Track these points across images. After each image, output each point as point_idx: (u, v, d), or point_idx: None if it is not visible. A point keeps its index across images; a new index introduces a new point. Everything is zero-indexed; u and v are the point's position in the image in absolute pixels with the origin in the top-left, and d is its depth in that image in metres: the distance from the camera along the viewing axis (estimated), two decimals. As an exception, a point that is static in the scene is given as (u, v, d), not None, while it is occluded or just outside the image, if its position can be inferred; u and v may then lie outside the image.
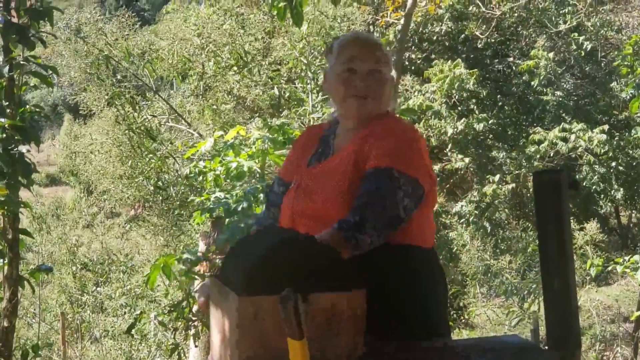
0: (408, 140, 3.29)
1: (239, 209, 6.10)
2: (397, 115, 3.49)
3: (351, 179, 3.22)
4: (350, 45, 3.39)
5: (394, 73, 3.40)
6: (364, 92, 3.31)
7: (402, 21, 7.96)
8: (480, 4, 17.36)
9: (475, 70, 18.51)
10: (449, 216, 17.78)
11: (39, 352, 6.98)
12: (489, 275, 16.57)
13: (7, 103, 6.04)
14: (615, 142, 17.78)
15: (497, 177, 17.81)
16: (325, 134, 3.54)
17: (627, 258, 10.61)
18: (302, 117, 16.25)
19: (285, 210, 3.47)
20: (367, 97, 3.32)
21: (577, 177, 17.23)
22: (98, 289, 15.86)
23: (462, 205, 17.76)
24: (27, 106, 6.26)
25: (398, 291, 3.30)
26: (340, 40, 3.46)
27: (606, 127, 17.71)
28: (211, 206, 6.36)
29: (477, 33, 19.23)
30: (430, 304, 3.39)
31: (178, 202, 18.37)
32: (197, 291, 3.61)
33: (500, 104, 19.96)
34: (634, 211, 21.35)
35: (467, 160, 18.09)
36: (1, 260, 6.12)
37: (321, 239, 3.04)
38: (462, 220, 17.55)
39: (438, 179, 17.33)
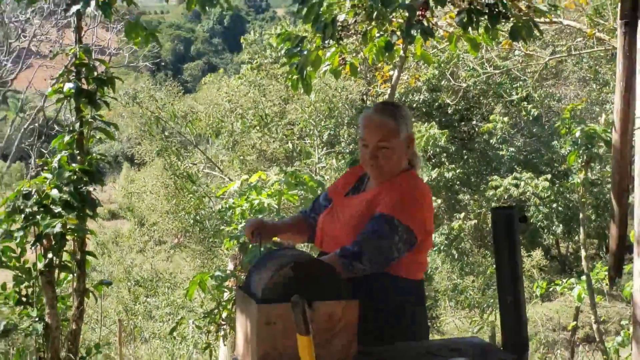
0: (413, 197, 3.29)
1: (260, 237, 6.11)
2: (413, 173, 3.44)
3: (361, 218, 3.26)
4: (365, 123, 3.39)
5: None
6: (372, 163, 3.33)
7: (388, 91, 7.95)
8: (450, 78, 17.39)
9: (446, 130, 18.57)
10: (426, 245, 17.76)
11: (100, 350, 6.93)
12: (456, 291, 16.53)
13: (78, 152, 6.04)
14: (555, 188, 17.78)
15: (462, 215, 17.83)
16: (364, 174, 3.54)
17: (564, 280, 10.62)
18: (310, 166, 16.29)
19: (319, 223, 3.55)
20: (378, 168, 3.34)
21: (526, 214, 17.20)
22: (148, 300, 15.82)
23: (435, 237, 17.72)
24: (94, 154, 6.26)
25: (386, 312, 3.34)
26: (362, 117, 3.47)
27: (549, 176, 17.76)
28: (238, 234, 6.35)
29: (448, 101, 19.26)
30: (410, 325, 3.42)
31: (212, 232, 18.35)
32: (246, 228, 3.65)
33: (465, 157, 19.98)
34: (570, 243, 21.30)
35: (439, 201, 18.07)
36: (71, 275, 6.10)
37: (326, 260, 3.10)
38: (434, 249, 17.52)
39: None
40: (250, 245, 6.01)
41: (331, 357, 2.94)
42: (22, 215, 5.70)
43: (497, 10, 5.99)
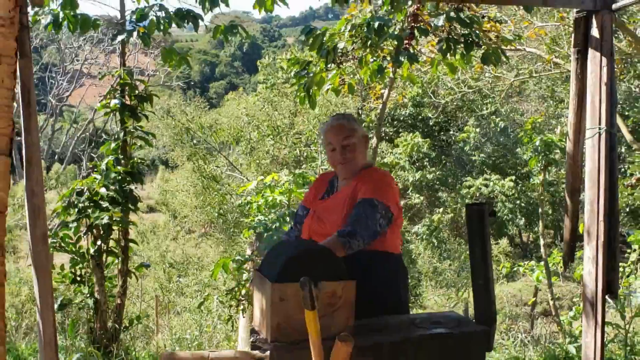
0: (385, 182, 3.39)
1: (273, 227, 6.11)
2: (375, 167, 3.58)
3: (348, 210, 3.32)
4: (327, 129, 3.49)
5: (372, 138, 3.44)
6: (342, 160, 3.41)
7: (380, 107, 7.94)
8: (431, 96, 17.38)
9: (428, 139, 18.58)
10: (410, 234, 17.72)
11: (140, 321, 6.94)
12: (436, 273, 16.52)
13: (122, 156, 6.05)
14: (519, 188, 17.78)
15: (441, 210, 17.85)
16: (332, 178, 3.60)
17: (526, 264, 10.59)
18: (314, 169, 16.26)
19: (305, 229, 3.56)
20: (345, 162, 3.41)
21: (495, 209, 17.19)
22: (179, 279, 15.82)
23: (418, 227, 17.74)
24: (135, 159, 6.27)
25: (379, 282, 3.37)
26: (323, 129, 3.55)
27: (513, 177, 17.77)
28: (255, 225, 6.35)
29: (429, 115, 19.28)
30: (399, 292, 3.47)
31: (233, 223, 18.36)
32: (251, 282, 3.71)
33: (443, 161, 19.95)
34: (530, 233, 21.25)
35: (421, 198, 18.08)
36: (116, 259, 6.11)
37: (326, 243, 3.12)
38: (418, 237, 17.51)
39: (403, 210, 17.37)
40: (265, 235, 6.02)
41: (333, 328, 2.93)
42: (76, 209, 5.72)
43: (470, 39, 6.00)
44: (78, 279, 5.93)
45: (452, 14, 5.88)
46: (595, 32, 4.88)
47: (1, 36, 2.68)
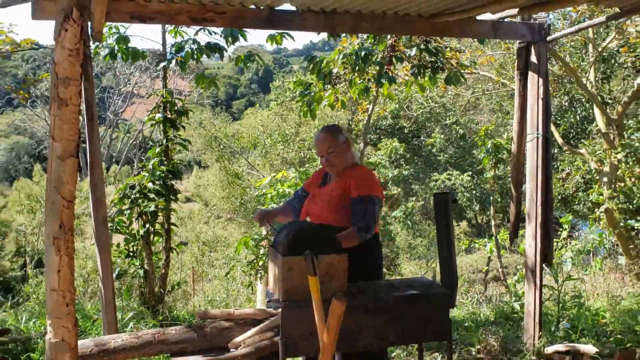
0: (371, 177, 3.42)
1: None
2: (359, 165, 3.56)
3: (338, 199, 3.36)
4: (316, 142, 3.55)
5: (359, 146, 3.45)
6: (329, 165, 3.46)
7: (366, 118, 7.93)
8: (406, 109, 17.36)
9: (403, 144, 18.53)
10: (390, 218, 17.73)
11: (180, 286, 6.95)
12: (410, 248, 16.50)
13: (165, 158, 6.05)
14: (474, 181, 17.75)
15: (414, 198, 17.78)
16: (326, 172, 3.62)
17: (480, 240, 10.61)
18: (315, 167, 16.24)
19: (304, 208, 3.60)
20: (331, 166, 3.45)
21: (456, 197, 17.19)
22: (210, 254, 15.82)
23: (396, 213, 17.70)
24: (175, 160, 6.26)
25: (371, 255, 3.41)
26: (314, 139, 3.62)
27: (470, 173, 17.70)
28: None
29: (405, 125, 19.24)
30: (380, 262, 3.51)
31: (252, 210, 18.33)
32: (256, 217, 3.79)
33: (416, 161, 19.93)
34: (484, 216, 21.25)
35: (399, 189, 18.03)
36: (161, 238, 6.10)
37: (347, 233, 3.22)
38: (396, 220, 17.49)
39: (384, 199, 17.39)
40: (262, 228, 6.04)
41: (330, 291, 2.94)
42: (129, 200, 5.72)
43: (436, 65, 6.00)
44: (131, 254, 5.93)
45: (422, 45, 5.89)
46: (533, 58, 4.87)
47: (69, 64, 2.68)
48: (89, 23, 3.52)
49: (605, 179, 9.63)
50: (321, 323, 2.75)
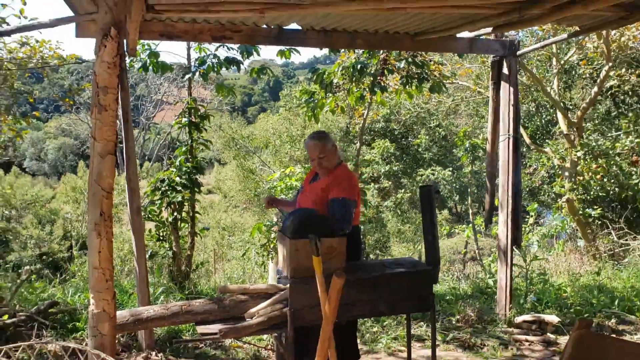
0: (348, 181, 3.32)
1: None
2: (344, 165, 3.48)
3: (320, 195, 3.29)
4: (307, 148, 3.46)
5: (336, 148, 3.40)
6: (320, 168, 3.37)
7: (362, 122, 7.91)
8: (396, 114, 17.31)
9: (394, 143, 18.47)
10: (382, 207, 17.70)
11: (203, 265, 6.95)
12: (400, 233, 16.47)
13: (190, 156, 6.03)
14: (455, 175, 17.68)
15: (403, 191, 17.73)
16: (317, 171, 3.53)
17: (459, 226, 10.58)
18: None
19: (298, 200, 3.54)
20: (321, 169, 3.37)
21: (439, 189, 17.14)
22: (229, 238, 15.82)
23: (387, 203, 17.66)
24: (199, 158, 6.24)
25: (354, 242, 3.33)
26: (305, 144, 3.51)
27: (451, 168, 17.63)
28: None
29: (395, 127, 19.17)
30: (359, 247, 3.45)
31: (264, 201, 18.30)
32: (264, 200, 3.73)
33: (404, 158, 19.87)
34: (462, 205, 21.19)
35: (389, 183, 18.01)
36: (187, 224, 6.09)
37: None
38: (387, 209, 17.45)
39: (376, 191, 17.33)
40: (270, 211, 6.02)
41: (331, 269, 2.93)
42: (160, 192, 5.71)
43: (422, 76, 5.97)
44: (161, 238, 5.92)
45: (409, 59, 5.86)
46: (505, 70, 4.85)
47: (108, 75, 2.68)
48: (125, 40, 3.52)
49: (566, 174, 9.61)
50: (323, 295, 2.76)
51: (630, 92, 11.10)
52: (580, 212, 9.06)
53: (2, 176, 23.52)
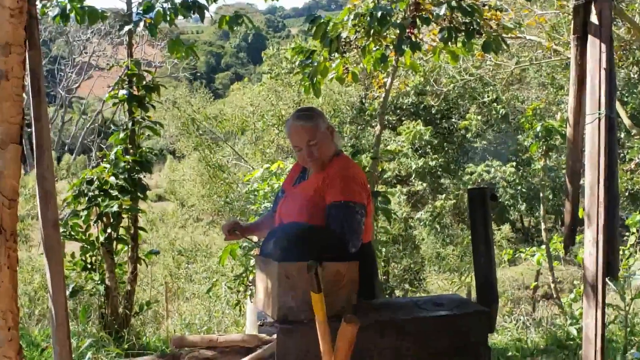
0: (349, 176, 3.31)
1: (279, 214, 6.14)
2: (343, 155, 3.48)
3: (310, 200, 3.29)
4: (291, 131, 3.42)
5: (332, 135, 3.40)
6: (311, 159, 3.35)
7: (383, 95, 7.92)
8: (434, 84, 17.33)
9: (430, 127, 18.54)
10: (413, 221, 17.73)
11: (150, 307, 6.97)
12: (439, 258, 16.53)
13: (130, 146, 6.06)
14: (520, 173, 17.74)
15: (444, 196, 17.82)
16: (305, 167, 3.54)
17: (527, 248, 10.60)
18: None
19: (278, 211, 3.54)
20: (313, 159, 3.35)
21: (496, 193, 17.21)
22: (188, 266, 15.86)
23: (421, 214, 17.75)
24: (143, 148, 6.27)
25: (366, 267, 3.32)
26: (286, 126, 3.50)
27: (514, 164, 17.70)
28: (261, 212, 6.35)
29: (432, 103, 19.21)
30: (373, 280, 3.48)
31: (239, 211, 18.37)
32: (223, 228, 3.73)
33: (446, 148, 19.93)
34: (532, 218, 21.25)
35: (424, 185, 18.07)
36: (126, 246, 6.13)
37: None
38: (421, 223, 17.51)
39: (404, 197, 17.38)
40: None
41: (337, 305, 2.95)
42: (86, 198, 5.75)
43: (472, 27, 5.98)
44: (89, 266, 5.96)
45: (453, 2, 5.86)
46: (594, 19, 4.85)
47: (10, 26, 2.68)
48: (35, -25, 3.53)
49: (684, 171, 9.61)
50: (327, 348, 2.76)
51: None
52: None
53: None
